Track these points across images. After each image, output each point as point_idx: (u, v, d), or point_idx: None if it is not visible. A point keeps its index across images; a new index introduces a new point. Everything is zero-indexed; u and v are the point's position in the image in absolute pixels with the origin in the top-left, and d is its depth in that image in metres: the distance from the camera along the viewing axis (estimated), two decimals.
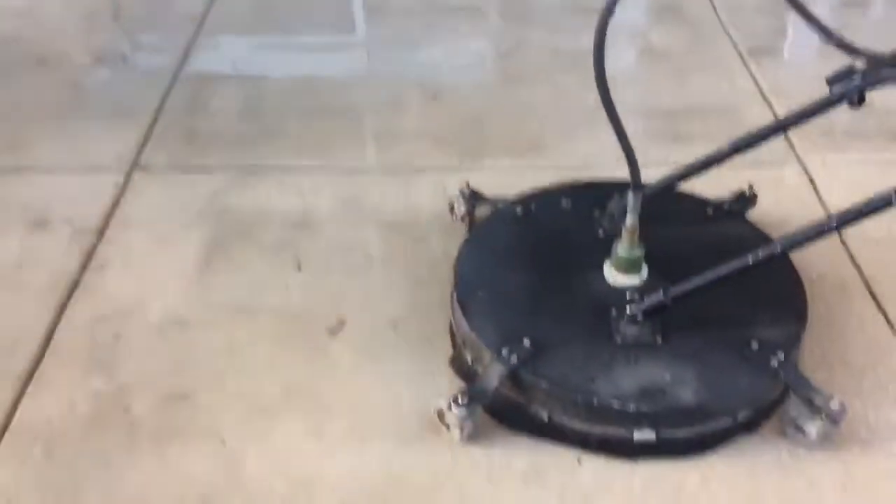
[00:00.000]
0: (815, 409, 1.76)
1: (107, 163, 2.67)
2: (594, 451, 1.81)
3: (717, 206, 2.28)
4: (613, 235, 2.01)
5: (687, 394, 1.75)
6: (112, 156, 2.70)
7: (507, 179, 2.56)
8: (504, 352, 1.81)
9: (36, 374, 1.98)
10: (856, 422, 1.86)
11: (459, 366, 1.97)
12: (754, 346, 1.83)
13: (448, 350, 2.03)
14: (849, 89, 1.84)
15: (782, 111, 2.91)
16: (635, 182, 1.83)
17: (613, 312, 1.89)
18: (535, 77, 3.14)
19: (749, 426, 1.85)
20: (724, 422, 1.80)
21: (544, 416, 1.81)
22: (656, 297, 1.83)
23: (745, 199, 2.34)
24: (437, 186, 2.57)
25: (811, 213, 2.47)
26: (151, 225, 2.42)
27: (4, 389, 1.94)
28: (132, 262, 2.30)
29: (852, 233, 2.37)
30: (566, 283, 2.01)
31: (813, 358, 2.01)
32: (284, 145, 2.77)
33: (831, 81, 1.90)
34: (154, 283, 2.23)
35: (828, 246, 2.33)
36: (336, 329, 2.10)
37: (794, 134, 2.78)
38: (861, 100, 1.84)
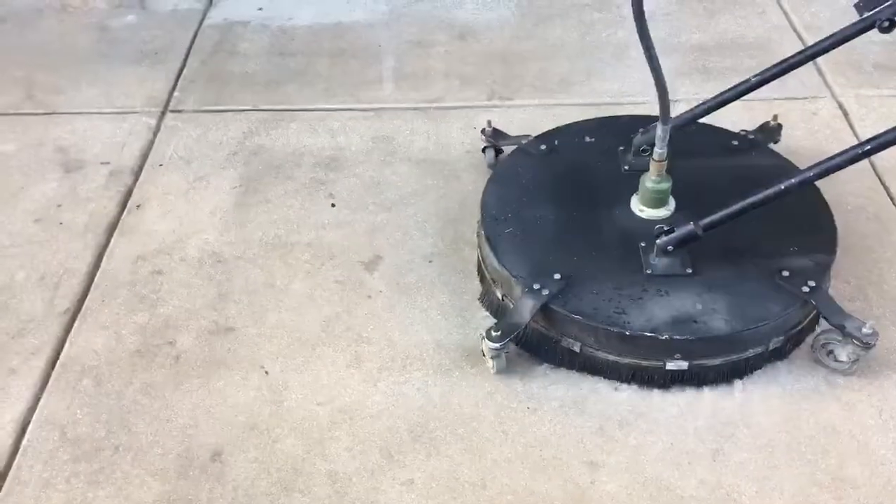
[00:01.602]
0: (847, 335, 1.77)
1: (139, 105, 2.69)
2: (626, 382, 1.84)
3: (742, 137, 2.26)
4: (638, 170, 2.01)
5: (718, 323, 1.76)
6: (143, 98, 2.72)
7: (537, 117, 2.57)
8: (535, 286, 1.83)
9: (82, 311, 2.03)
10: (892, 348, 1.88)
11: (489, 302, 2.00)
12: (785, 274, 1.83)
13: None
14: (879, 13, 1.79)
15: None
16: (664, 113, 1.82)
17: (643, 245, 1.90)
18: (562, 15, 3.11)
19: (780, 354, 1.87)
20: (755, 349, 1.81)
21: (576, 347, 1.83)
22: (687, 228, 1.83)
23: (770, 130, 2.32)
24: (466, 124, 2.58)
25: (845, 145, 2.42)
26: (186, 165, 2.45)
27: (52, 325, 1.99)
28: (169, 202, 2.32)
29: (888, 166, 2.36)
30: (593, 217, 2.01)
31: (849, 287, 2.02)
32: (314, 86, 2.78)
33: (861, 6, 1.86)
34: (191, 221, 2.26)
35: (863, 179, 2.33)
36: (372, 264, 2.13)
37: (827, 69, 2.76)
38: (892, 25, 1.79)
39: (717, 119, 2.21)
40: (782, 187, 1.75)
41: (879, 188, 2.31)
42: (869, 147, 1.68)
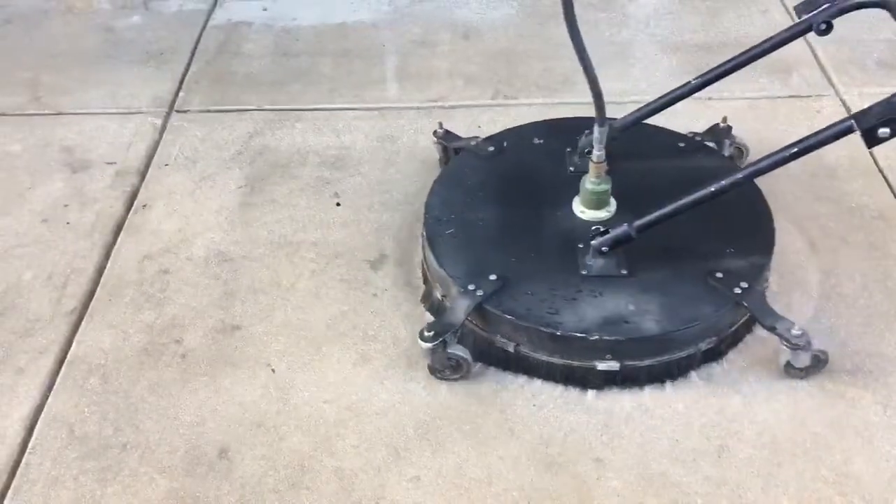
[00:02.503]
0: (777, 336, 1.77)
1: (144, 106, 2.71)
2: (560, 383, 1.84)
3: (689, 139, 2.25)
4: (583, 171, 2.00)
5: (649, 324, 1.77)
6: (149, 99, 2.73)
7: (540, 116, 2.56)
8: (470, 286, 1.83)
9: (89, 310, 2.04)
10: None
11: (430, 302, 2.00)
12: (718, 275, 1.83)
13: None
14: (816, 17, 1.85)
15: (818, 43, 2.88)
16: (600, 115, 1.83)
17: (580, 246, 1.90)
18: None
19: (714, 355, 1.87)
20: (687, 350, 1.81)
21: (510, 348, 1.84)
22: (621, 229, 1.83)
23: (720, 132, 2.30)
24: (471, 123, 2.58)
25: (848, 143, 2.44)
26: (192, 165, 2.46)
27: (60, 324, 2.00)
28: (175, 202, 2.33)
29: (892, 164, 2.36)
30: (536, 218, 2.01)
31: (854, 285, 2.02)
32: (318, 86, 2.79)
33: (800, 9, 1.89)
34: (197, 221, 2.27)
35: (867, 177, 2.34)
36: (378, 263, 2.14)
37: (830, 67, 2.77)
38: (829, 28, 1.85)
39: (721, 117, 2.22)
40: (713, 189, 1.76)
41: (883, 186, 2.31)
42: (796, 150, 1.69)
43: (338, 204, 2.31)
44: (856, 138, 2.46)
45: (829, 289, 2.02)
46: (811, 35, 2.87)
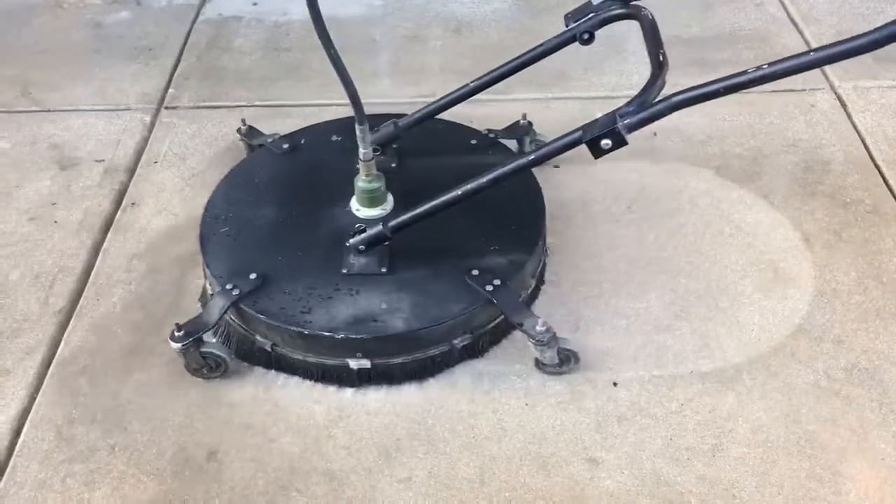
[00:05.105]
0: (523, 332, 1.76)
1: (133, 102, 2.68)
2: (318, 381, 1.83)
3: (482, 136, 2.23)
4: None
5: (397, 322, 1.76)
6: (138, 95, 2.70)
7: (533, 111, 2.55)
8: (228, 286, 1.82)
9: (76, 310, 2.01)
10: (892, 341, 1.87)
11: (204, 301, 1.98)
12: (474, 273, 1.82)
13: None
14: (578, 27, 1.87)
15: (812, 37, 2.86)
16: (359, 114, 1.80)
17: (347, 245, 1.88)
18: (558, 7, 3.09)
19: (472, 352, 1.86)
20: (439, 348, 1.81)
21: (268, 347, 1.82)
22: (376, 228, 1.83)
23: (519, 129, 2.29)
24: (463, 120, 2.55)
25: (843, 137, 2.43)
26: (181, 162, 2.43)
27: (47, 324, 1.98)
28: (164, 199, 2.31)
29: (887, 158, 2.35)
30: (314, 216, 1.99)
31: (848, 279, 2.01)
32: (309, 81, 2.76)
33: (568, 18, 1.91)
34: (187, 218, 2.24)
35: (862, 171, 2.32)
36: None
37: None
38: (591, 38, 1.87)
39: (722, 111, 2.19)
40: (459, 192, 1.75)
41: (878, 180, 2.29)
42: (533, 157, 1.70)
43: None
44: (850, 133, 2.46)
45: (824, 284, 2.01)
46: (808, 29, 2.90)
